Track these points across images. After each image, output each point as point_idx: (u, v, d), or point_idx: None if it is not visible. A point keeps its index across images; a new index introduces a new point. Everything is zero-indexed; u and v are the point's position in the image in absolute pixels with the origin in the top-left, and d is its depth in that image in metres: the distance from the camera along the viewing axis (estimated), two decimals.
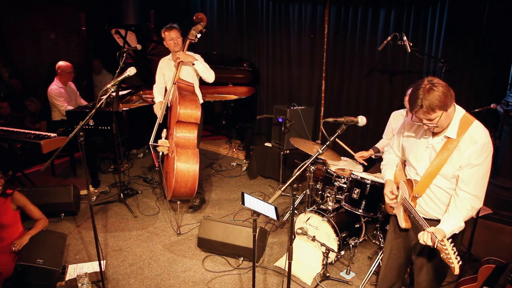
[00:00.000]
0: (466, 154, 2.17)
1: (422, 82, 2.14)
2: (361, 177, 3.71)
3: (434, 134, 2.31)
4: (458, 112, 2.25)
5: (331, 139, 2.43)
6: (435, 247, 2.05)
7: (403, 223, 2.47)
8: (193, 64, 4.32)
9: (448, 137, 2.24)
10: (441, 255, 2.01)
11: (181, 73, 4.35)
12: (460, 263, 1.95)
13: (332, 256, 3.67)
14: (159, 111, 4.43)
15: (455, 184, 2.27)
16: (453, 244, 2.00)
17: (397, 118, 4.17)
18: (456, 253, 1.97)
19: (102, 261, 3.21)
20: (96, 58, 7.33)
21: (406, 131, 2.51)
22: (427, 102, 2.10)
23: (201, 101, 4.54)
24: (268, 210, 2.57)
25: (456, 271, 1.95)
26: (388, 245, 2.74)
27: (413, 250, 2.56)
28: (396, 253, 2.68)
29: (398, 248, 2.66)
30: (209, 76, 4.40)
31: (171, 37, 4.30)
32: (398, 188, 2.55)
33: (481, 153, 2.16)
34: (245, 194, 2.58)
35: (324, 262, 3.53)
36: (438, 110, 2.11)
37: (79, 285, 3.29)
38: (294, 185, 2.35)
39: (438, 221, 2.31)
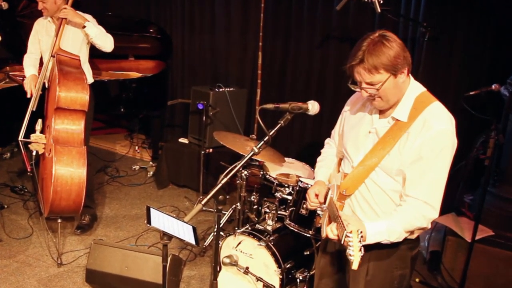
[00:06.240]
0: (417, 143, 2.06)
1: (372, 34, 2.06)
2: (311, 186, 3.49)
3: (381, 115, 2.22)
4: (415, 87, 2.17)
5: (270, 133, 2.29)
6: (342, 242, 1.93)
7: (325, 232, 2.35)
8: (84, 27, 4.06)
9: (397, 119, 2.13)
10: (346, 251, 1.92)
11: (62, 42, 4.08)
12: (361, 254, 1.84)
13: None
14: (31, 87, 4.13)
15: (402, 187, 2.18)
16: (362, 236, 1.89)
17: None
18: (362, 248, 1.87)
19: None
20: None
21: (348, 112, 2.45)
22: (370, 56, 1.99)
23: (91, 80, 4.34)
24: (183, 231, 2.42)
25: (354, 266, 1.83)
26: (318, 271, 2.68)
27: (347, 274, 2.47)
28: (328, 283, 2.59)
29: (329, 274, 2.58)
30: (107, 42, 4.21)
31: None
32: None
33: (437, 144, 2.04)
34: (151, 210, 2.42)
35: None
36: (383, 71, 2.00)
37: None
38: (220, 197, 2.20)
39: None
